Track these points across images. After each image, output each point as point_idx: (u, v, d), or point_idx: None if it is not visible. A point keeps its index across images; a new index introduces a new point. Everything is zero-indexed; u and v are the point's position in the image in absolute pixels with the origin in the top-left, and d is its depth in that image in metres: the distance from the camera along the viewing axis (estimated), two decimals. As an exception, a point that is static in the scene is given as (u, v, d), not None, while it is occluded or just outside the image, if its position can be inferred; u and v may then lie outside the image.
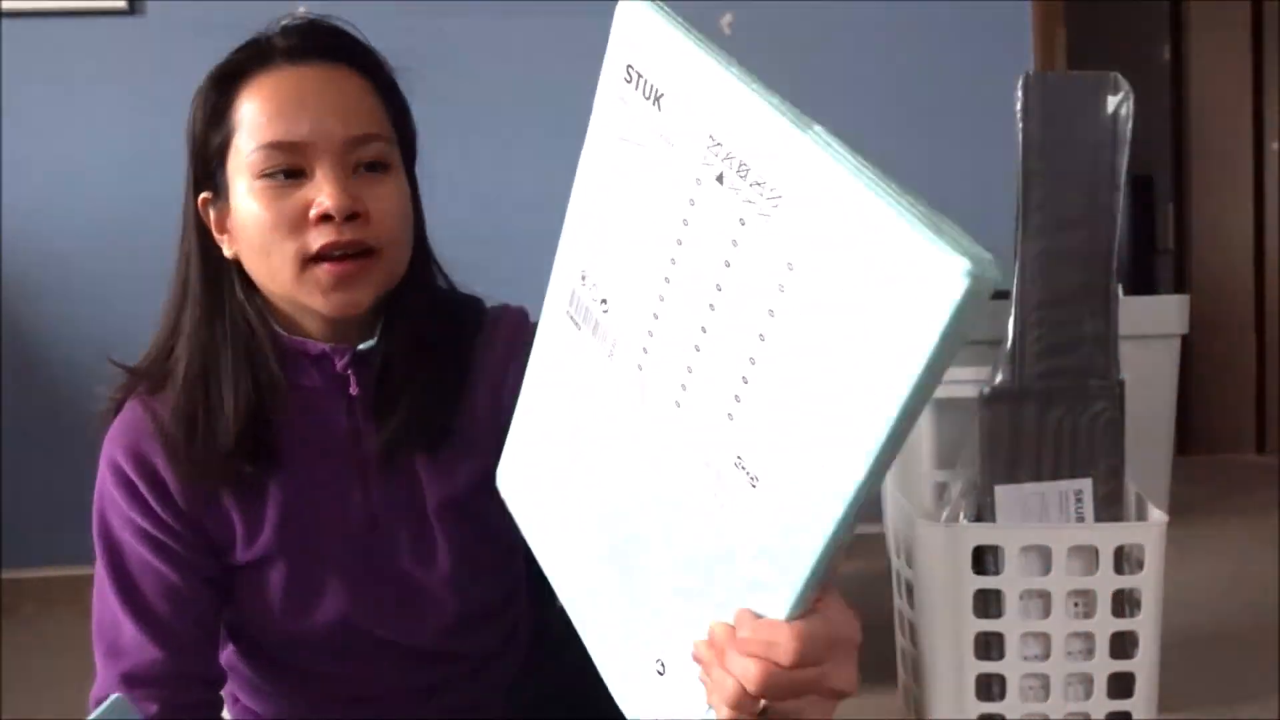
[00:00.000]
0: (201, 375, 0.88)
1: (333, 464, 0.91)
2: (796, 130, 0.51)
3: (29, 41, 2.58)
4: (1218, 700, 1.78)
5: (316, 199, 0.83)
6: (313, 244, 0.83)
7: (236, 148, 0.85)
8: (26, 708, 1.97)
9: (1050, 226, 1.46)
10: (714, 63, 0.57)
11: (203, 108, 0.88)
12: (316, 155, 0.84)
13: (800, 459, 0.52)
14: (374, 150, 0.86)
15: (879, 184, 0.49)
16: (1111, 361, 1.47)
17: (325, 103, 0.85)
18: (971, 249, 0.48)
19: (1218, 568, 2.51)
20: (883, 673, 1.86)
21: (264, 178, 0.84)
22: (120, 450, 0.89)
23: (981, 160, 2.79)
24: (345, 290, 0.84)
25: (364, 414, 0.90)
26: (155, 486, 0.88)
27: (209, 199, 0.89)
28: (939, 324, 0.46)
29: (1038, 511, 1.47)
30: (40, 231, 2.62)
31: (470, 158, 2.66)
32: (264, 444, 0.88)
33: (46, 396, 2.63)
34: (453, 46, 2.66)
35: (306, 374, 0.90)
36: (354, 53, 0.89)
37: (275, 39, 0.88)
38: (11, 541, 2.64)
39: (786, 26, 2.74)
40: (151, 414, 0.89)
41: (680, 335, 0.59)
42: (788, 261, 0.52)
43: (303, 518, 0.90)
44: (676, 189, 0.58)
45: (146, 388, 0.91)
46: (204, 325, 0.89)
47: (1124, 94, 1.44)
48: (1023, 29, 2.79)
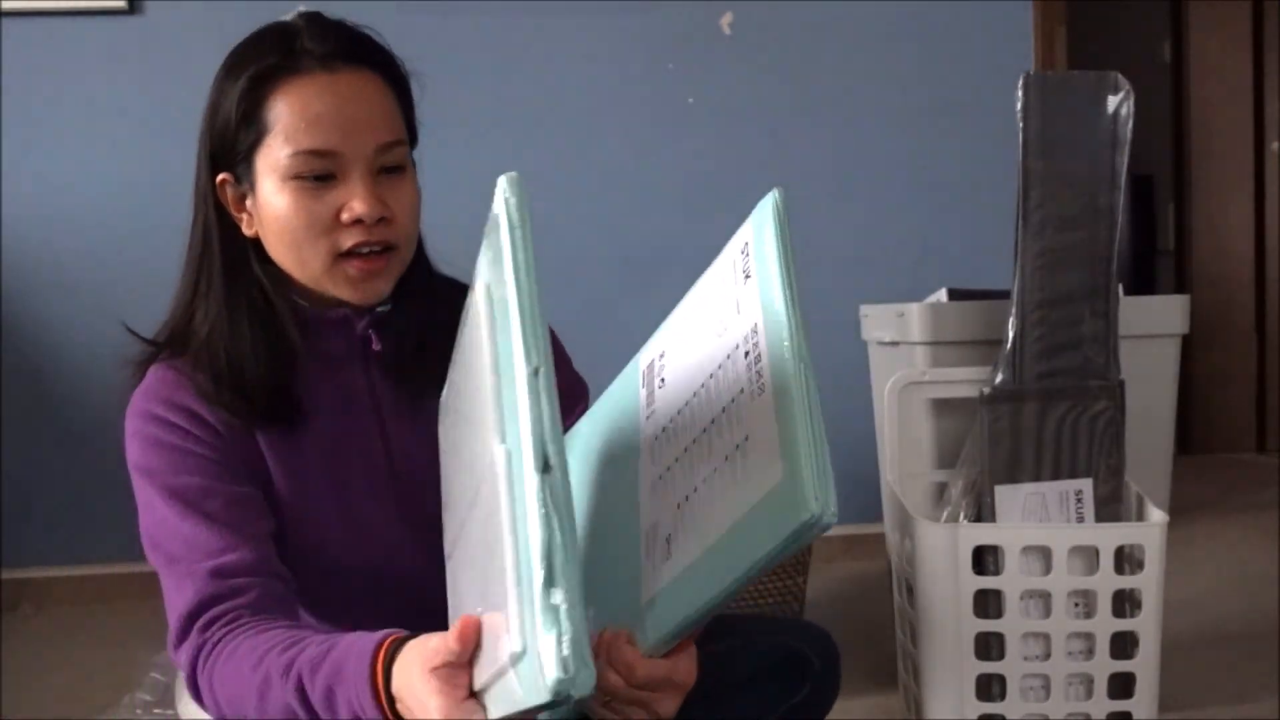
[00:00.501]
0: (223, 340, 0.94)
1: (356, 419, 0.98)
2: (791, 354, 0.70)
3: (29, 41, 2.58)
4: (1219, 700, 1.78)
5: (349, 203, 0.91)
6: (344, 243, 0.92)
7: (269, 146, 0.91)
8: (26, 708, 1.97)
9: (1051, 226, 1.46)
10: (780, 274, 0.74)
11: (233, 101, 0.92)
12: (348, 162, 0.91)
13: (691, 563, 0.73)
14: (396, 155, 0.94)
15: (808, 425, 0.67)
16: (1112, 361, 1.47)
17: (356, 112, 0.92)
18: (821, 500, 0.64)
19: (1219, 567, 2.51)
20: (883, 673, 1.86)
21: (296, 179, 0.91)
22: (156, 403, 0.93)
23: (982, 160, 2.79)
24: (371, 282, 0.94)
25: (381, 371, 0.99)
26: (199, 423, 0.92)
27: (228, 180, 0.95)
28: (780, 535, 0.65)
29: (1038, 511, 1.47)
30: (40, 231, 2.62)
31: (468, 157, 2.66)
32: (287, 402, 0.94)
33: (46, 396, 2.63)
34: (453, 46, 2.66)
35: (326, 337, 0.98)
36: (379, 58, 0.95)
37: (306, 43, 0.92)
38: (11, 541, 2.64)
39: (786, 26, 2.75)
40: (177, 372, 0.94)
41: (681, 438, 0.79)
42: (745, 435, 0.71)
43: (333, 469, 0.96)
44: (724, 343, 0.78)
45: (168, 353, 0.97)
46: (223, 297, 0.95)
47: (1125, 93, 1.44)
48: (1023, 28, 2.79)
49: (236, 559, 0.88)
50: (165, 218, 2.69)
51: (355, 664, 0.76)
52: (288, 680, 0.79)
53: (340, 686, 0.76)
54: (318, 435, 0.96)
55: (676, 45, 2.72)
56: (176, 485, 0.91)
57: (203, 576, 0.87)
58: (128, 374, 0.98)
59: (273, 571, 0.91)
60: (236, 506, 0.91)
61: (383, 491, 0.99)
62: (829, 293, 2.80)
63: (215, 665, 0.84)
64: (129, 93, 2.61)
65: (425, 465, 0.97)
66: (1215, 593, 2.33)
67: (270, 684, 0.80)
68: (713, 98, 2.74)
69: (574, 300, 2.71)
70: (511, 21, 2.68)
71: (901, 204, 2.79)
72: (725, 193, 2.76)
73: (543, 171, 2.71)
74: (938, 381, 1.57)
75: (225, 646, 0.84)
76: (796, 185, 2.78)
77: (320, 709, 0.78)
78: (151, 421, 0.93)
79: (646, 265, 2.75)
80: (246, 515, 0.91)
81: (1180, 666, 1.87)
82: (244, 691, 0.81)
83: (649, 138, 2.73)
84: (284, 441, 0.95)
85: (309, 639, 0.81)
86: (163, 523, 0.90)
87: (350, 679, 0.76)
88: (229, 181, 0.95)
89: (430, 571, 0.97)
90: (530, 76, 2.70)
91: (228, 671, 0.83)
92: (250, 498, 0.93)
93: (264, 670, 0.80)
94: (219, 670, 0.84)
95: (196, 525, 0.89)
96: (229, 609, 0.86)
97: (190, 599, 0.87)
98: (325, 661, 0.78)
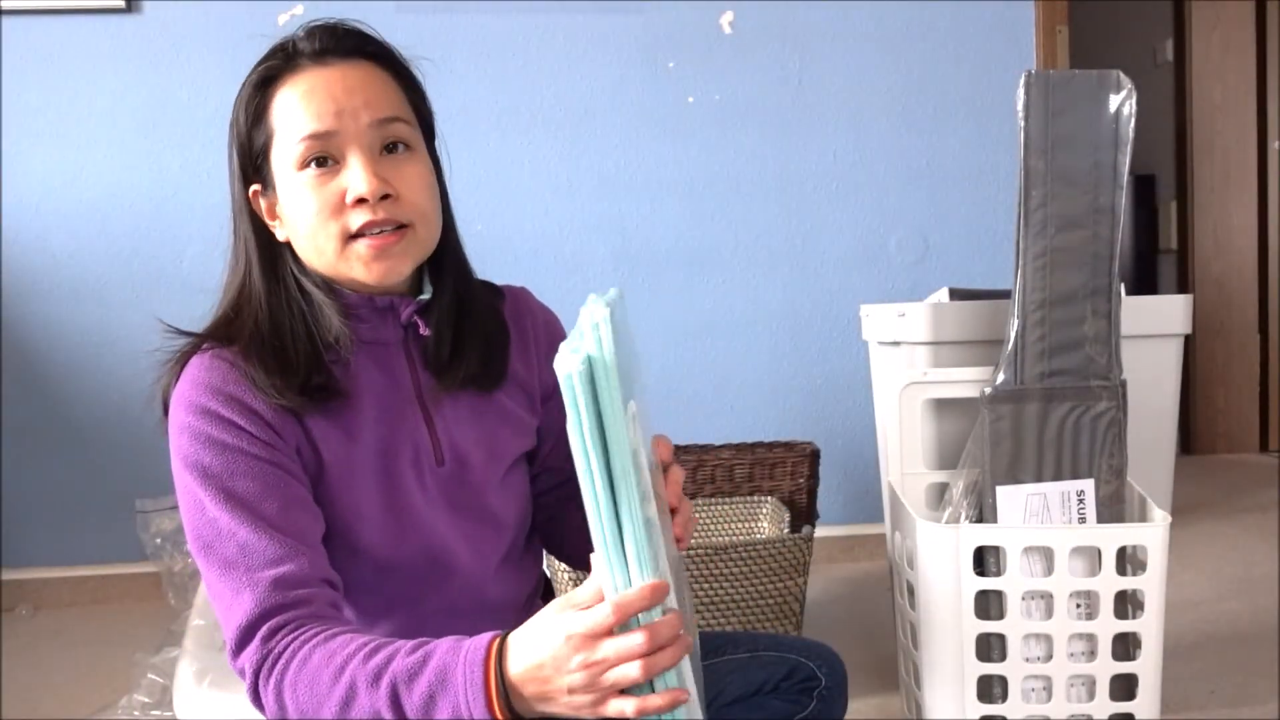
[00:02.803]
0: (270, 329, 0.97)
1: (403, 405, 1.00)
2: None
3: (27, 39, 2.58)
4: (1221, 701, 1.77)
5: (352, 184, 0.94)
6: (353, 224, 0.95)
7: (278, 145, 0.96)
8: (25, 709, 1.97)
9: (1052, 225, 1.45)
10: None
11: (245, 111, 0.98)
12: (346, 142, 0.94)
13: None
14: (396, 131, 0.96)
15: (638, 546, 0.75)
16: (1114, 361, 1.47)
17: (349, 93, 0.95)
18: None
19: (1221, 568, 2.50)
20: (884, 674, 1.86)
21: (304, 169, 0.95)
22: (205, 394, 0.93)
23: (983, 159, 2.79)
24: (384, 260, 0.96)
25: (424, 359, 1.02)
26: (250, 415, 0.92)
27: (259, 191, 0.99)
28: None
29: (1039, 512, 1.46)
30: (40, 230, 2.61)
31: (468, 157, 2.66)
32: (333, 382, 0.96)
33: (46, 396, 2.63)
34: (452, 46, 2.66)
35: (373, 324, 1.00)
36: (371, 48, 0.99)
37: (300, 43, 0.97)
38: (11, 541, 2.64)
39: (787, 26, 2.74)
40: (226, 361, 0.95)
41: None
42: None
43: (382, 453, 0.98)
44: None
45: (213, 344, 0.97)
46: (266, 299, 0.98)
47: (1127, 92, 1.44)
48: (1026, 27, 2.78)
49: (296, 568, 0.88)
50: (165, 216, 2.71)
51: (465, 671, 0.79)
52: (377, 689, 0.80)
53: (444, 694, 0.79)
54: (368, 420, 0.98)
55: (676, 45, 2.71)
56: (232, 488, 0.90)
57: (264, 586, 0.87)
58: (164, 370, 0.98)
59: (327, 578, 0.91)
60: (292, 510, 0.91)
61: (429, 479, 1.00)
62: (829, 293, 2.80)
63: (285, 675, 0.84)
64: (127, 91, 2.60)
65: (469, 451, 1.02)
66: (1217, 593, 2.32)
67: (356, 693, 0.81)
68: (713, 98, 2.74)
69: (574, 300, 2.70)
70: (511, 21, 2.68)
71: (902, 204, 2.79)
72: (725, 193, 2.76)
73: (543, 171, 2.71)
74: (939, 381, 1.57)
75: (295, 656, 0.85)
76: (796, 185, 2.77)
77: (417, 715, 0.80)
78: (203, 415, 0.91)
79: (646, 265, 2.75)
80: (302, 520, 0.91)
81: (1182, 668, 1.86)
82: (321, 700, 0.82)
83: (649, 137, 2.72)
84: (335, 426, 0.96)
85: (394, 647, 0.83)
86: (215, 524, 0.89)
87: (460, 685, 0.79)
88: (260, 192, 0.99)
89: (475, 565, 1.01)
90: (530, 76, 2.70)
91: (300, 681, 0.84)
92: (303, 500, 0.93)
93: (347, 680, 0.81)
94: (289, 680, 0.84)
95: (254, 531, 0.88)
96: (293, 618, 0.87)
97: (250, 609, 0.87)
98: (425, 670, 0.80)
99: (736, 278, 2.77)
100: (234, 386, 0.92)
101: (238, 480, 0.90)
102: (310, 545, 0.91)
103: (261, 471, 0.91)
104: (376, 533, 0.97)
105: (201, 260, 2.56)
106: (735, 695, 1.04)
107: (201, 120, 2.60)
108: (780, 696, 1.05)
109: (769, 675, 1.04)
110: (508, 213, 2.71)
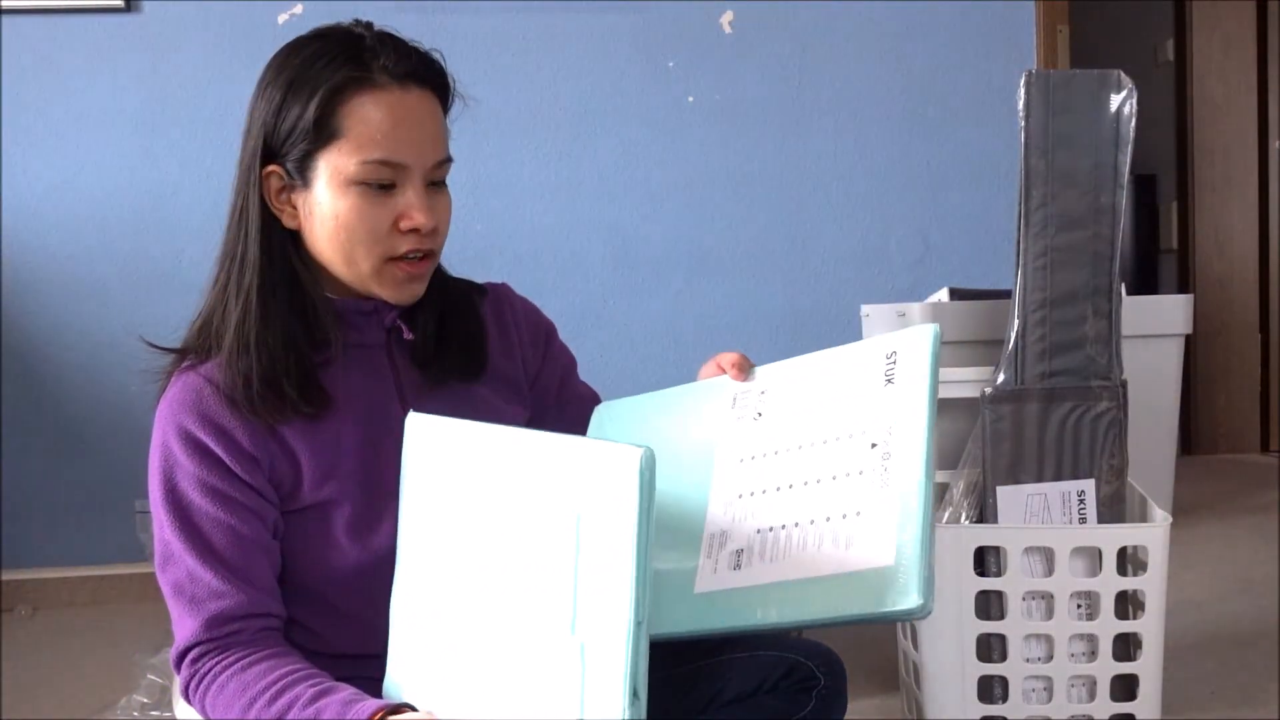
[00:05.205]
0: (256, 325, 0.97)
1: (385, 405, 1.02)
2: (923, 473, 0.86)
3: (27, 39, 2.58)
4: (1222, 702, 1.77)
5: (408, 213, 0.97)
6: (399, 248, 0.98)
7: (337, 151, 0.96)
8: (26, 707, 1.97)
9: (1053, 225, 1.45)
10: (928, 403, 0.90)
11: (305, 103, 0.96)
12: (410, 174, 0.98)
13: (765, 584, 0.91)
14: (445, 170, 1.02)
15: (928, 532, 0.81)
16: (1114, 361, 1.47)
17: (423, 129, 0.98)
18: (924, 596, 0.79)
19: (1222, 568, 2.50)
20: (884, 675, 1.86)
21: (361, 185, 0.96)
22: (186, 416, 0.96)
23: (984, 158, 2.79)
24: (415, 284, 1.01)
25: (407, 360, 1.05)
26: (226, 441, 0.96)
27: (277, 173, 0.98)
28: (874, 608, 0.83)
29: (1040, 512, 1.46)
30: (40, 230, 2.61)
31: (468, 157, 2.65)
32: (318, 391, 0.98)
33: (46, 396, 2.63)
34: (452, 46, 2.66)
35: (358, 328, 1.03)
36: (440, 81, 1.02)
37: (382, 56, 0.97)
38: (11, 541, 2.64)
39: (787, 25, 2.74)
40: (206, 379, 0.97)
41: (772, 477, 0.98)
42: (858, 510, 0.88)
43: (365, 455, 1.00)
44: (846, 424, 0.96)
45: (193, 358, 1.00)
46: (257, 284, 0.99)
47: (1127, 92, 1.44)
48: (1026, 27, 2.78)
49: (234, 604, 0.94)
50: (165, 216, 2.71)
51: None
52: None
53: None
54: (349, 422, 1.00)
55: (676, 44, 2.71)
56: (191, 517, 0.95)
57: (203, 617, 0.94)
58: (155, 382, 1.02)
59: (266, 612, 0.96)
60: (243, 546, 0.95)
61: None
62: (829, 293, 2.79)
63: (206, 697, 0.93)
64: (126, 90, 2.60)
65: None
66: (1218, 594, 2.31)
67: None
68: (713, 97, 2.73)
69: (574, 300, 2.71)
70: (511, 21, 2.68)
71: (902, 203, 2.78)
72: (725, 193, 2.76)
73: (543, 170, 2.71)
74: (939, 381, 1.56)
75: (215, 681, 0.92)
76: (796, 184, 2.77)
77: None
78: (180, 438, 0.96)
79: (646, 265, 2.74)
80: (252, 556, 0.96)
81: (1183, 668, 1.86)
82: None
83: (649, 137, 2.72)
84: (318, 433, 0.98)
85: (294, 695, 0.89)
86: (169, 547, 0.96)
87: None
88: (277, 174, 0.99)
89: None
90: (530, 75, 2.70)
91: (218, 704, 0.92)
92: (257, 537, 0.97)
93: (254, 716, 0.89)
94: (209, 701, 0.93)
95: (201, 562, 0.94)
96: (220, 646, 0.94)
97: (188, 637, 0.94)
98: None
99: (736, 277, 2.77)
100: (214, 409, 0.96)
101: (197, 512, 0.95)
102: (253, 581, 0.95)
103: (225, 505, 0.95)
104: (354, 532, 0.99)
105: (201, 260, 2.54)
106: (734, 695, 1.04)
107: (201, 120, 2.59)
108: (779, 696, 1.04)
109: (768, 674, 1.04)
110: (508, 213, 2.70)
